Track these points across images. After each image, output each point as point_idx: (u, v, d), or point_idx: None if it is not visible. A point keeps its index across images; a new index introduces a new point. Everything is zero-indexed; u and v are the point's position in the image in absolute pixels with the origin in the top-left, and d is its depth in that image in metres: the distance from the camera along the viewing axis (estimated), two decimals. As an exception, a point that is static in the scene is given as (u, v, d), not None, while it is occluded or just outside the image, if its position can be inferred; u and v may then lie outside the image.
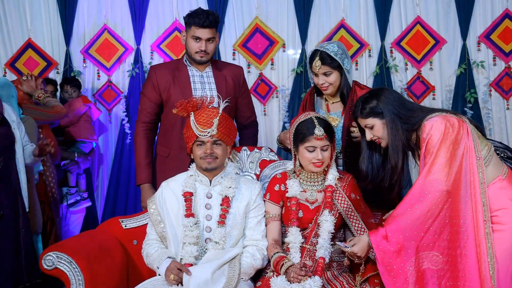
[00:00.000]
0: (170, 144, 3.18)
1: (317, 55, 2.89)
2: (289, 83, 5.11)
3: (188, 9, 5.04)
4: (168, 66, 3.32)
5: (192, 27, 3.07)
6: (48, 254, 2.45)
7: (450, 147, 2.31)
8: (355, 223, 2.58)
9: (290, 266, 2.42)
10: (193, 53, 3.11)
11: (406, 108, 2.44)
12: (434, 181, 2.29)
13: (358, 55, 5.06)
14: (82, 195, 4.68)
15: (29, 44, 5.17)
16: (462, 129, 2.35)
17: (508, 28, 4.94)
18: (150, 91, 3.18)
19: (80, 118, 4.73)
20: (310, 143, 2.53)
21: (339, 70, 2.90)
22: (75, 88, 4.85)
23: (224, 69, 3.25)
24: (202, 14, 3.06)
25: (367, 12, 5.07)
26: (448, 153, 2.30)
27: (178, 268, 2.42)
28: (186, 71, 3.19)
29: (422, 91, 5.03)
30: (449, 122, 2.35)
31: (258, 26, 5.10)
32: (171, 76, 3.17)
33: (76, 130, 4.72)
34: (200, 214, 2.60)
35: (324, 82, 2.90)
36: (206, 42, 3.08)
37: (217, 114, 2.57)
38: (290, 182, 2.64)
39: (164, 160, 3.21)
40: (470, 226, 2.32)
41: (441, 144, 2.31)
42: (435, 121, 2.35)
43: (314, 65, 2.89)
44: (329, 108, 3.04)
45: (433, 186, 2.29)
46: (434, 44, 5.02)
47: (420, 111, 2.45)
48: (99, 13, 5.17)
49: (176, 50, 5.14)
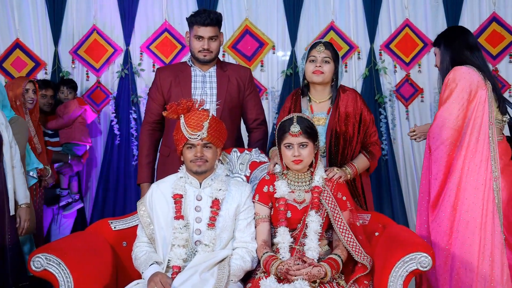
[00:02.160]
0: (170, 144, 3.19)
1: (321, 42, 3.05)
2: (279, 84, 5.11)
3: (177, 11, 5.13)
4: (172, 67, 3.40)
5: (194, 27, 3.11)
6: (37, 256, 2.43)
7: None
8: (339, 223, 2.59)
9: (281, 263, 2.43)
10: (196, 52, 3.14)
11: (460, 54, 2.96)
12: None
13: (348, 57, 5.08)
14: (73, 197, 4.65)
15: (17, 44, 5.12)
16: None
17: (495, 32, 4.97)
18: (154, 93, 3.25)
19: (75, 120, 4.70)
20: (287, 140, 2.60)
21: (335, 63, 3.01)
22: (71, 89, 4.81)
23: (229, 69, 3.27)
24: (204, 13, 3.10)
25: (356, 14, 5.09)
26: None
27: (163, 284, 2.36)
28: (189, 71, 3.22)
29: (410, 93, 5.05)
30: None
31: (248, 27, 5.10)
32: (173, 77, 3.20)
33: (70, 132, 4.68)
34: (190, 216, 2.60)
35: (320, 66, 2.98)
36: (209, 40, 3.11)
37: (207, 117, 2.58)
38: (278, 183, 2.66)
39: (165, 159, 3.24)
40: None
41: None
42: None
43: (318, 49, 3.01)
44: (313, 109, 3.07)
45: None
46: (422, 47, 5.05)
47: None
48: (88, 14, 5.13)
49: (165, 51, 5.12)
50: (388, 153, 4.98)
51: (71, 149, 4.64)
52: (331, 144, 3.00)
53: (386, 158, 4.98)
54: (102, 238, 2.78)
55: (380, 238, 2.65)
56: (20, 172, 3.15)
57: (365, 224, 2.81)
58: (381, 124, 4.98)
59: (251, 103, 3.30)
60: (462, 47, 2.99)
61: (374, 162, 3.07)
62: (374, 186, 4.98)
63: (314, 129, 2.64)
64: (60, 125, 4.64)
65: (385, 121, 4.99)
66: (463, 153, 2.85)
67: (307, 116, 2.70)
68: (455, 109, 2.87)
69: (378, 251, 2.57)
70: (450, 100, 2.88)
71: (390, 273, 2.38)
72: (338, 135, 3.01)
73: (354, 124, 3.02)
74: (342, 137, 3.00)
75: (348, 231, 2.57)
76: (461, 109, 2.86)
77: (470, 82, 2.87)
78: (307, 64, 3.02)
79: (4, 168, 3.05)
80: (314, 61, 3.00)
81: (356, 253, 2.51)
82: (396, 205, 4.99)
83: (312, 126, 2.63)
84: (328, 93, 3.07)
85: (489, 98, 2.87)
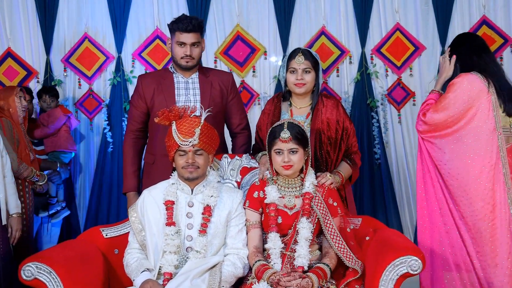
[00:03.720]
0: (155, 151, 3.18)
1: (299, 51, 2.98)
2: (271, 90, 5.12)
3: (169, 17, 5.12)
4: (154, 74, 3.37)
5: (176, 33, 3.09)
6: (28, 264, 2.41)
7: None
8: (330, 230, 2.59)
9: (274, 273, 2.44)
10: (179, 59, 3.12)
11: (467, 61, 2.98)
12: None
13: (339, 62, 5.10)
14: (61, 205, 4.64)
15: (9, 53, 5.12)
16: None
17: (485, 34, 4.99)
18: (137, 100, 3.21)
19: (60, 129, 4.69)
20: (277, 146, 2.60)
21: (315, 71, 2.98)
22: (53, 98, 4.80)
23: (212, 75, 3.25)
24: (186, 19, 3.07)
25: (347, 19, 5.11)
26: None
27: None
28: (172, 78, 3.19)
29: (402, 97, 5.07)
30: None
31: (239, 33, 5.12)
32: (156, 84, 3.18)
33: (56, 141, 4.67)
34: (181, 222, 2.60)
35: (302, 78, 2.95)
36: (191, 46, 3.09)
37: (199, 124, 2.58)
38: (268, 188, 2.66)
39: (150, 167, 3.21)
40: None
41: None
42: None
43: (297, 60, 2.95)
44: (293, 113, 3.07)
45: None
46: (413, 51, 5.07)
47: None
48: (80, 22, 5.14)
49: (157, 58, 5.13)
50: (381, 157, 4.99)
51: (58, 157, 4.64)
52: (316, 146, 2.99)
53: (379, 162, 5.00)
54: (94, 246, 2.77)
55: (371, 242, 2.65)
56: (11, 182, 3.15)
57: (356, 229, 2.81)
58: (373, 128, 5.00)
59: (235, 108, 3.29)
60: (469, 53, 3.00)
61: (356, 170, 3.05)
62: (368, 190, 5.00)
63: (305, 135, 2.64)
64: (46, 134, 4.64)
65: (377, 125, 5.01)
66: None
67: (298, 122, 2.69)
68: (443, 115, 2.89)
69: (369, 255, 2.57)
70: (442, 105, 2.90)
71: (381, 277, 2.38)
72: (323, 137, 2.99)
73: (337, 129, 3.01)
74: (327, 140, 2.99)
75: (339, 238, 2.57)
76: (452, 115, 2.88)
77: (469, 91, 2.86)
78: (288, 74, 2.99)
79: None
80: (294, 72, 2.97)
81: (347, 259, 2.51)
82: (389, 209, 5.00)
83: (303, 132, 2.63)
84: (309, 99, 3.06)
85: (493, 106, 2.86)
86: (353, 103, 5.04)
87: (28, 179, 3.60)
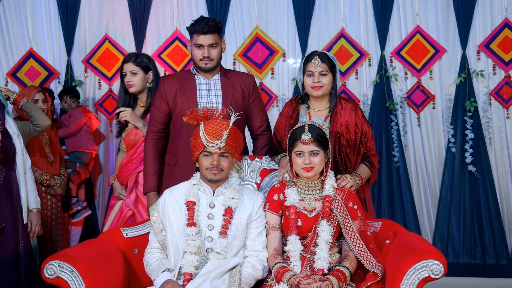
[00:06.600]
0: (177, 153, 3.19)
1: (315, 54, 2.98)
2: (289, 92, 5.12)
3: (188, 19, 5.14)
4: (176, 76, 3.37)
5: (194, 35, 3.11)
6: (50, 263, 2.45)
7: None
8: (350, 233, 2.58)
9: (294, 275, 2.43)
10: (198, 61, 3.14)
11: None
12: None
13: (358, 64, 5.07)
14: (82, 205, 4.68)
15: (31, 53, 5.19)
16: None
17: (507, 38, 4.93)
18: (159, 101, 3.23)
19: (81, 129, 4.74)
20: (298, 148, 2.60)
21: (332, 73, 2.97)
22: (74, 98, 4.85)
23: (233, 77, 3.25)
24: (202, 21, 3.09)
25: (367, 21, 5.09)
26: None
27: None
28: (194, 79, 3.21)
29: (422, 100, 5.03)
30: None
31: (258, 35, 5.12)
32: (178, 86, 3.19)
33: (77, 141, 4.72)
34: (202, 223, 2.61)
35: (318, 81, 2.95)
36: (209, 48, 3.10)
37: (227, 127, 2.58)
38: (288, 191, 2.66)
39: (172, 168, 3.22)
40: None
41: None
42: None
43: (313, 63, 2.95)
44: (311, 116, 3.06)
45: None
46: (434, 53, 5.03)
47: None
48: (100, 23, 5.19)
49: (176, 59, 5.16)
50: (399, 160, 4.96)
51: (79, 157, 4.68)
52: (335, 149, 2.98)
53: (398, 165, 4.96)
54: (114, 245, 2.79)
55: (392, 245, 2.64)
56: (30, 179, 3.20)
57: (376, 232, 2.80)
58: (392, 131, 4.96)
59: (256, 109, 3.29)
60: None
61: (375, 172, 3.04)
62: (386, 193, 4.96)
63: (325, 137, 2.64)
64: (67, 134, 4.69)
65: (396, 128, 4.97)
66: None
67: (319, 124, 2.69)
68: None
69: (389, 258, 2.56)
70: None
71: (401, 281, 2.37)
72: (342, 140, 2.99)
73: (356, 132, 3.00)
74: (346, 143, 2.99)
75: (359, 241, 2.56)
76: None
77: None
78: (305, 77, 2.99)
79: (17, 177, 3.09)
80: (311, 75, 2.97)
81: (367, 262, 2.51)
82: (408, 212, 4.96)
83: (324, 135, 2.63)
84: (327, 102, 3.06)
85: None
86: (372, 106, 5.01)
87: (38, 182, 3.64)
